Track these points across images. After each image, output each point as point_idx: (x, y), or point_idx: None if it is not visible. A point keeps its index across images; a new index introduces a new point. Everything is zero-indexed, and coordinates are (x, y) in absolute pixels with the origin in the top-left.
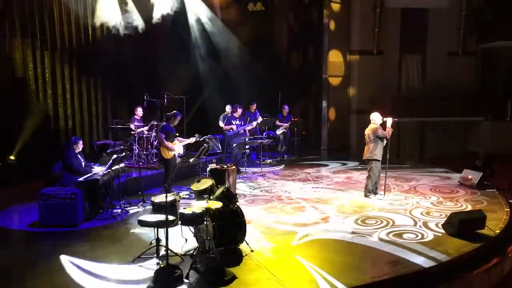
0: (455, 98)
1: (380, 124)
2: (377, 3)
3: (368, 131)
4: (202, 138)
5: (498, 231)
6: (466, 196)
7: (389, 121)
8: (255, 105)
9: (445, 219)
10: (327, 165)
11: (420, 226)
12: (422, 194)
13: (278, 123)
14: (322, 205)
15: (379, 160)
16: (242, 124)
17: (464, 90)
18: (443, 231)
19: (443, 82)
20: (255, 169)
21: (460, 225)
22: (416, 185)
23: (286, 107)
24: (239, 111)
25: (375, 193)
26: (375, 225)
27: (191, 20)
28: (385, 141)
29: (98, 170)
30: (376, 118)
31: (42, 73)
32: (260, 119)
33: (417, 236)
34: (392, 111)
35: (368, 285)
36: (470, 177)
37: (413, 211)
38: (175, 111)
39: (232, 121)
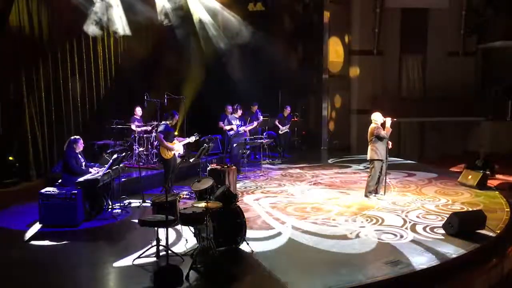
0: (455, 98)
1: (381, 124)
2: (377, 3)
3: (369, 131)
4: (202, 139)
5: (498, 231)
6: (467, 197)
7: (388, 121)
8: (256, 105)
9: (439, 223)
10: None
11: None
12: (427, 195)
13: (276, 123)
14: (322, 205)
15: (380, 160)
16: (242, 124)
17: (464, 90)
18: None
19: (443, 82)
20: (255, 169)
21: (460, 225)
22: (421, 185)
23: (288, 107)
24: (239, 111)
25: (376, 193)
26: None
27: (193, 20)
28: (385, 141)
29: (96, 171)
30: (376, 118)
31: (44, 72)
32: (261, 119)
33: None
34: (392, 111)
35: (368, 285)
36: (470, 177)
37: (411, 213)
38: (173, 110)
39: (233, 121)
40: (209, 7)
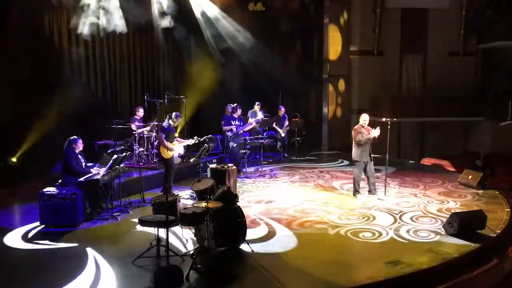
0: (455, 98)
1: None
2: (377, 4)
3: (352, 132)
4: (203, 139)
5: (499, 232)
6: (469, 199)
7: (376, 132)
8: (260, 105)
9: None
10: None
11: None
12: (430, 196)
13: (274, 126)
14: (324, 206)
15: (358, 161)
16: (242, 124)
17: (464, 90)
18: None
19: (443, 82)
20: (255, 169)
21: (461, 225)
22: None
23: (282, 107)
24: (239, 111)
25: (371, 193)
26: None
27: (194, 20)
28: (368, 144)
29: (97, 171)
30: (365, 118)
31: (44, 72)
32: (260, 118)
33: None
34: (392, 111)
35: (368, 285)
36: (470, 177)
37: (406, 214)
38: (176, 112)
39: (232, 121)
40: (210, 9)
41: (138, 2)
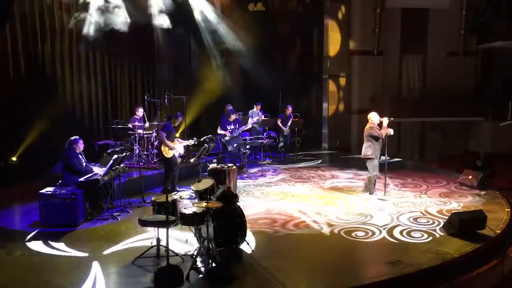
0: (455, 98)
1: (378, 124)
2: (377, 3)
3: (364, 130)
4: (203, 139)
5: (499, 232)
6: (469, 199)
7: (385, 121)
8: (259, 105)
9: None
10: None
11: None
12: (431, 197)
13: (279, 123)
14: (324, 206)
15: (373, 159)
16: (238, 127)
17: (464, 90)
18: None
19: (443, 82)
20: (256, 169)
21: (461, 225)
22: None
23: (290, 107)
24: (233, 116)
25: (370, 193)
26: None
27: (194, 20)
28: (381, 141)
29: (98, 170)
30: (373, 117)
31: (44, 73)
32: (259, 118)
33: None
34: (392, 111)
35: (368, 285)
36: (470, 177)
37: (404, 215)
38: (177, 112)
39: (227, 126)
40: (210, 10)
41: (138, 2)
